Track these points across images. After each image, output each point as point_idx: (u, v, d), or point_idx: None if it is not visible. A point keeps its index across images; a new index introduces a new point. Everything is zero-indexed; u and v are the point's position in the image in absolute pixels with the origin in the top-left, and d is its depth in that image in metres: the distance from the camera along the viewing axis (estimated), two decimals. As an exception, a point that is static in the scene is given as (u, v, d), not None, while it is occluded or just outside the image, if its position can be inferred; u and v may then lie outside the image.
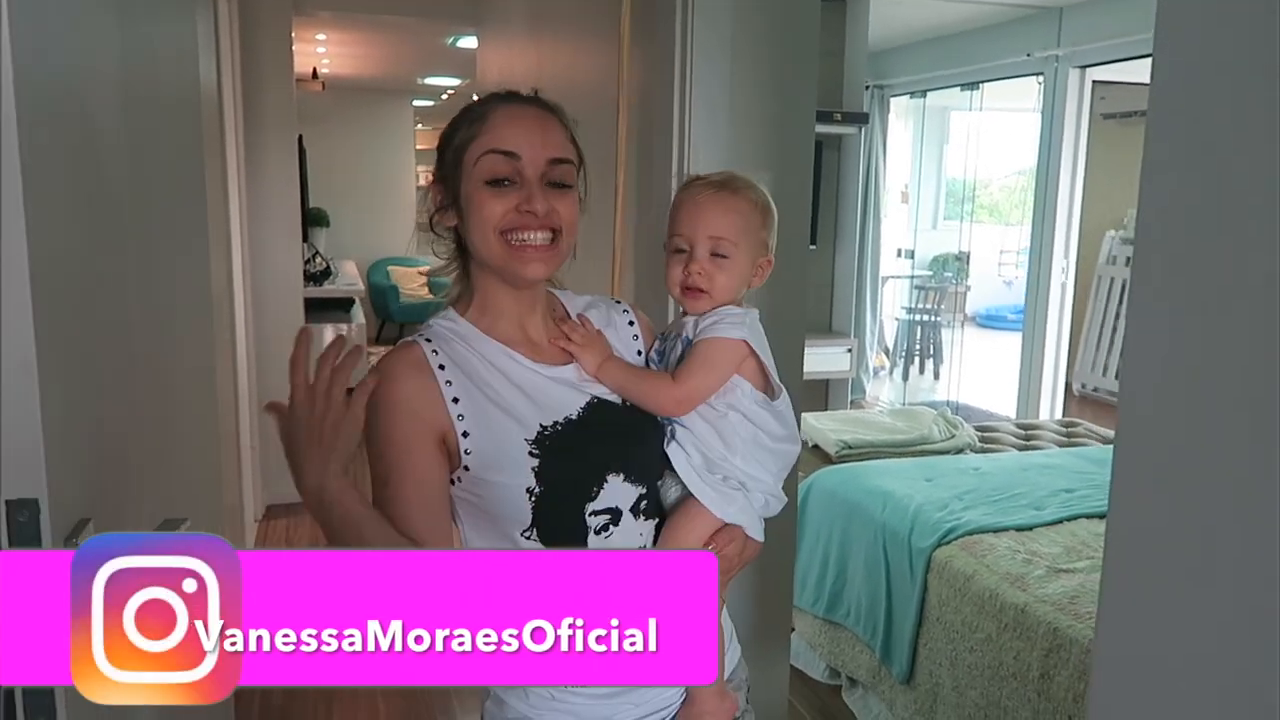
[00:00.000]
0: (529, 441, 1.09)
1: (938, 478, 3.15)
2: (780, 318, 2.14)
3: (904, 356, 7.04)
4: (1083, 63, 4.96)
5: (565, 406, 1.13)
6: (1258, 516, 0.73)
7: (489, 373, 1.12)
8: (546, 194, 1.09)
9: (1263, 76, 0.72)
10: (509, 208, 1.08)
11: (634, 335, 1.26)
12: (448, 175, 1.13)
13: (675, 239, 1.18)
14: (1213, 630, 0.78)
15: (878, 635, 2.84)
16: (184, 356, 1.92)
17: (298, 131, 4.70)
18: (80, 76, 1.23)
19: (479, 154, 1.09)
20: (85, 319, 1.19)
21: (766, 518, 1.20)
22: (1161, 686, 0.83)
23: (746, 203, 1.17)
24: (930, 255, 7.88)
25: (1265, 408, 0.72)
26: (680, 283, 1.17)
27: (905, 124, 6.82)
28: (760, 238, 1.18)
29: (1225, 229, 0.76)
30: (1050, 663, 2.29)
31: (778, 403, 1.18)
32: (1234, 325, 0.75)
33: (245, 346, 3.97)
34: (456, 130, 1.13)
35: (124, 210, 1.42)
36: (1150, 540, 0.83)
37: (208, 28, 2.87)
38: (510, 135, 1.09)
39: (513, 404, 1.11)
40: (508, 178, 1.09)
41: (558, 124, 1.14)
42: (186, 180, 2.07)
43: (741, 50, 2.05)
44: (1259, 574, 0.73)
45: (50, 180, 1.04)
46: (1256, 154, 0.72)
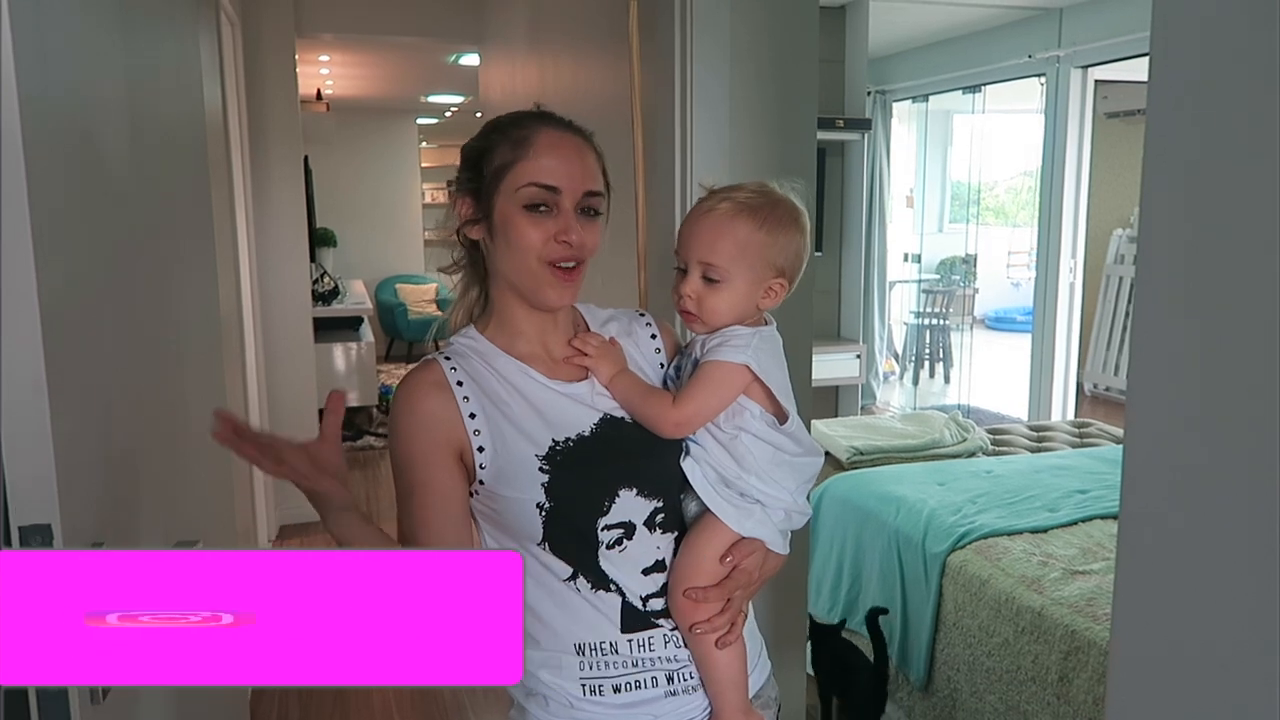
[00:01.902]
0: (539, 457, 1.10)
1: (950, 482, 3.14)
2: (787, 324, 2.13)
3: (914, 361, 7.02)
4: (1084, 62, 4.96)
5: (578, 423, 1.14)
6: (1269, 512, 0.72)
7: (504, 389, 1.13)
8: (579, 223, 1.11)
9: (1261, 72, 0.72)
10: (547, 236, 1.10)
11: (656, 348, 1.26)
12: (482, 191, 1.13)
13: (677, 258, 1.17)
14: (1228, 630, 0.77)
15: (894, 641, 2.82)
16: (194, 378, 1.92)
17: (303, 153, 4.73)
18: (85, 101, 1.24)
19: (522, 182, 1.10)
20: (94, 343, 1.19)
21: (790, 530, 1.19)
22: (1179, 687, 0.82)
23: (748, 225, 1.13)
24: (937, 259, 7.87)
25: (1273, 403, 0.71)
26: (678, 304, 1.17)
27: (908, 128, 6.82)
28: (767, 259, 1.14)
29: (1228, 226, 0.75)
30: (1069, 666, 2.27)
31: (787, 425, 1.15)
32: (1240, 322, 0.74)
33: (255, 367, 3.99)
34: (495, 149, 1.13)
35: (131, 234, 1.43)
36: (1163, 540, 0.83)
37: (212, 52, 2.90)
38: (553, 167, 1.11)
39: (526, 420, 1.12)
40: (545, 204, 1.11)
41: (593, 154, 1.15)
42: (193, 203, 2.09)
43: (741, 59, 2.06)
44: (1272, 571, 0.73)
45: (57, 204, 1.05)
46: (1257, 150, 0.72)
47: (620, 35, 2.40)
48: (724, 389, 1.12)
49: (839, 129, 5.16)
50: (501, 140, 1.13)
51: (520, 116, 1.15)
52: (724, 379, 1.12)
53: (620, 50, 2.44)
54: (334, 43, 5.64)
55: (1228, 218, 0.76)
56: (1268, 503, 0.73)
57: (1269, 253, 0.71)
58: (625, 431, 1.15)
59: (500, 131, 1.14)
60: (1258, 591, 0.74)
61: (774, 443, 1.14)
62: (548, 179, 1.10)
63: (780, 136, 2.10)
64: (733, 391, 1.12)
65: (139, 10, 1.63)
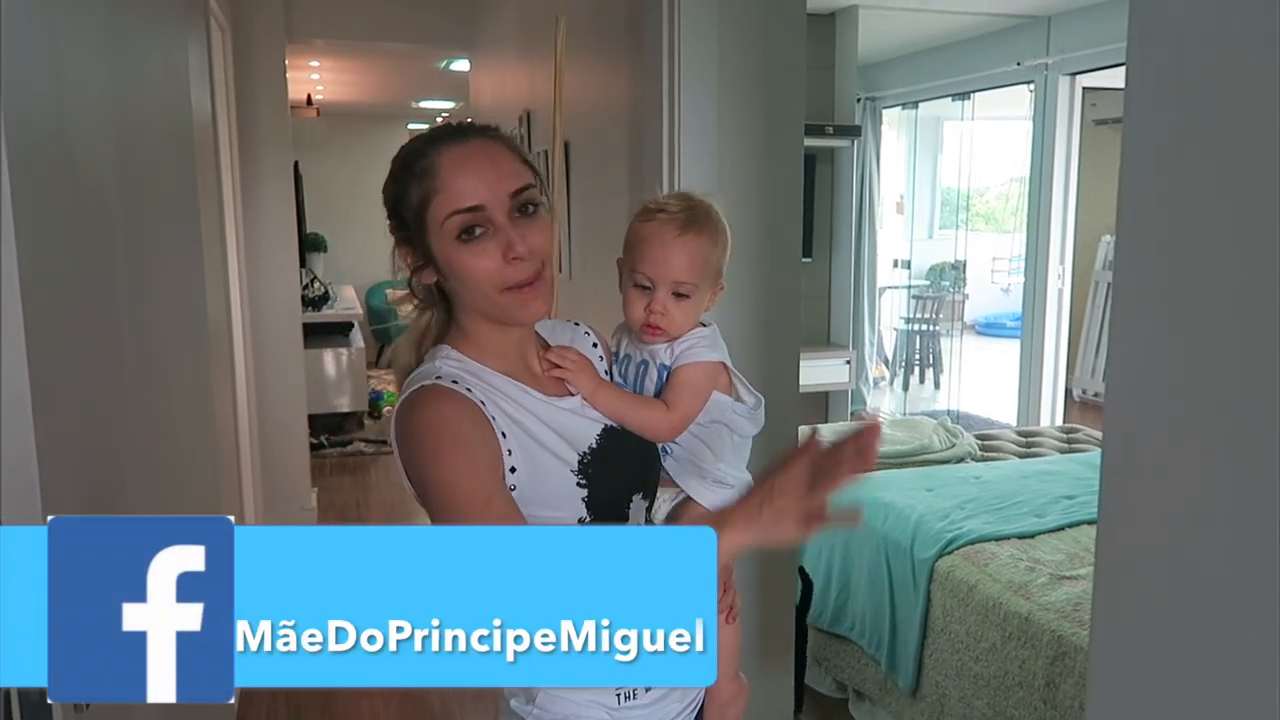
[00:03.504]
0: (574, 473, 1.10)
1: (939, 487, 3.15)
2: (774, 330, 2.15)
3: (904, 367, 7.04)
4: (1072, 70, 4.99)
5: (586, 437, 1.14)
6: (1244, 518, 0.73)
7: (517, 410, 1.10)
8: (520, 229, 1.06)
9: (1235, 83, 0.73)
10: (496, 263, 1.05)
11: (599, 357, 1.27)
12: (413, 237, 1.09)
13: (637, 274, 1.18)
14: (1205, 634, 0.78)
15: (883, 648, 2.83)
16: (181, 384, 1.92)
17: (293, 158, 4.72)
18: (70, 108, 1.24)
19: (443, 216, 1.05)
20: (78, 351, 1.19)
21: None
22: (1157, 692, 0.83)
23: (708, 240, 1.18)
24: (927, 265, 7.88)
25: (1248, 409, 0.72)
26: (642, 320, 1.19)
27: (898, 135, 6.84)
28: (717, 269, 1.21)
29: (1203, 235, 0.76)
30: (1055, 671, 2.28)
31: (758, 409, 1.24)
32: (1215, 329, 0.75)
33: (245, 373, 3.98)
34: (406, 189, 1.08)
35: (116, 241, 1.43)
36: (1140, 546, 0.83)
37: (201, 58, 2.90)
38: (467, 187, 1.05)
39: (549, 439, 1.11)
40: (478, 225, 1.05)
41: (504, 150, 1.09)
42: (180, 209, 2.08)
43: (729, 66, 2.07)
44: (1248, 575, 0.73)
45: (41, 211, 1.05)
46: (1231, 159, 0.73)
47: (610, 40, 2.41)
48: (707, 388, 1.20)
49: (829, 135, 5.18)
50: (409, 178, 1.08)
51: (420, 145, 1.09)
52: (706, 378, 1.20)
53: (611, 55, 2.45)
54: (324, 48, 5.64)
55: (1204, 224, 0.76)
56: (1242, 506, 0.73)
57: (1244, 263, 0.72)
58: (624, 440, 1.17)
59: (407, 169, 1.08)
60: (1233, 594, 0.75)
61: (738, 429, 1.23)
62: (468, 201, 1.04)
63: (767, 144, 2.11)
64: (712, 388, 1.20)
65: (126, 16, 1.63)
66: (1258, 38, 0.70)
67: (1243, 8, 0.72)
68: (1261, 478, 0.71)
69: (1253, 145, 0.71)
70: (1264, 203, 0.70)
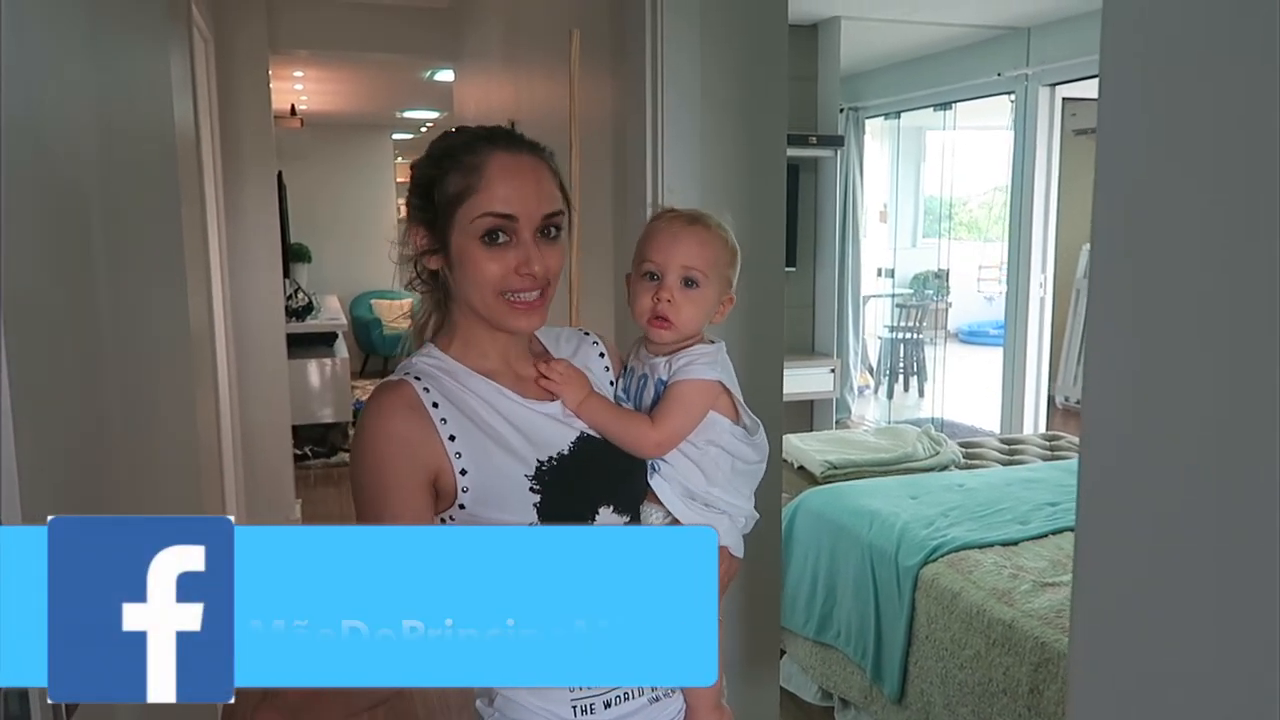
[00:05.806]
0: (529, 478, 1.09)
1: (923, 495, 3.16)
2: (758, 339, 2.16)
3: (888, 375, 7.06)
4: (1052, 80, 5.03)
5: (557, 442, 1.14)
6: (1221, 524, 0.74)
7: (484, 410, 1.11)
8: (540, 249, 1.09)
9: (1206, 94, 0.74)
10: (508, 269, 1.07)
11: (605, 367, 1.27)
12: (436, 222, 1.10)
13: (646, 264, 1.18)
14: (1184, 639, 0.78)
15: (868, 655, 2.83)
16: (164, 395, 1.91)
17: (277, 168, 4.71)
18: (53, 118, 1.24)
19: (477, 213, 1.07)
20: (59, 361, 1.19)
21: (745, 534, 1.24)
22: (1137, 697, 0.84)
23: (719, 238, 1.18)
24: (911, 273, 7.93)
25: (1223, 415, 0.73)
26: (649, 311, 1.17)
27: (881, 144, 6.88)
28: (726, 275, 1.20)
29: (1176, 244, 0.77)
30: (1039, 677, 2.29)
31: (757, 435, 1.20)
32: (1189, 337, 0.76)
33: (228, 383, 3.96)
34: (446, 177, 1.09)
35: (98, 252, 1.42)
36: (1118, 552, 0.84)
37: (184, 68, 2.89)
38: (509, 195, 1.07)
39: (510, 441, 1.11)
40: (502, 231, 1.07)
41: (549, 173, 1.12)
42: (163, 219, 2.08)
43: (711, 77, 2.08)
44: (1225, 580, 0.74)
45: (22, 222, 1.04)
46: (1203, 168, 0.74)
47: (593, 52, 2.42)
48: (699, 406, 1.16)
49: (812, 145, 5.21)
50: (453, 167, 1.09)
51: (471, 140, 1.11)
52: (699, 396, 1.15)
53: (594, 67, 2.46)
54: (308, 59, 5.63)
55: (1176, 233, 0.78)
56: (1220, 513, 0.74)
57: (1215, 269, 0.73)
58: (601, 450, 1.16)
59: (451, 157, 1.10)
60: (1213, 598, 0.76)
61: (738, 454, 1.18)
62: (504, 208, 1.07)
63: (750, 155, 2.13)
64: (706, 408, 1.16)
65: (109, 27, 1.63)
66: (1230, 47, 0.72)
67: (1214, 17, 0.74)
68: (1237, 483, 0.72)
69: (1224, 154, 0.72)
70: (1236, 211, 0.71)
